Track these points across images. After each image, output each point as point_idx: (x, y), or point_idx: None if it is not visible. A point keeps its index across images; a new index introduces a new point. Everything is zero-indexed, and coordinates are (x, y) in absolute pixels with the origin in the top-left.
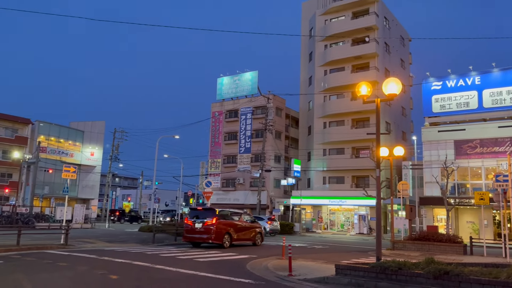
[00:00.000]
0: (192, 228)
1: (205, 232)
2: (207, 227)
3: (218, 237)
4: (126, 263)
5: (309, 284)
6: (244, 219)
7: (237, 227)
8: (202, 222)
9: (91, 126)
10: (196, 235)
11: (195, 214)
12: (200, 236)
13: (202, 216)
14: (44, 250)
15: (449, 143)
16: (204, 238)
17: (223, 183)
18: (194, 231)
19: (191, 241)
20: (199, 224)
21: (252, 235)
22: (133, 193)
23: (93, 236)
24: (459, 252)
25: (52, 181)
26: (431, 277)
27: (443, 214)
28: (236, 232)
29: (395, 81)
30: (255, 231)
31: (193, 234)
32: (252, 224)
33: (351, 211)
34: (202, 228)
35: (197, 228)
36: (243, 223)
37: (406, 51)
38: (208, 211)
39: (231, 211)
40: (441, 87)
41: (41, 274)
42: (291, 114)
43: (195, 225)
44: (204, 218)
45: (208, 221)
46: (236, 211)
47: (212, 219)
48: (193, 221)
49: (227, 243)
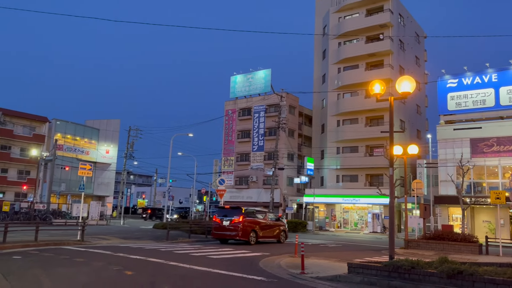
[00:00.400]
0: (220, 225)
1: (233, 230)
2: (234, 224)
3: (244, 234)
4: (141, 260)
5: (321, 282)
6: (269, 217)
7: (262, 225)
8: (230, 220)
9: (106, 124)
10: (224, 232)
11: (223, 213)
12: (228, 233)
13: (230, 214)
14: (61, 246)
15: (465, 141)
16: (231, 235)
17: (236, 181)
18: (222, 228)
19: (219, 237)
20: (226, 222)
21: (276, 233)
22: (147, 191)
23: (108, 233)
24: (475, 251)
25: (68, 178)
26: (445, 277)
27: (459, 213)
28: (262, 229)
29: (408, 80)
30: (280, 229)
31: (221, 231)
32: (276, 222)
33: (365, 209)
34: (230, 225)
35: (225, 226)
36: (267, 221)
37: (421, 48)
38: (235, 210)
39: (257, 210)
40: (457, 84)
41: (59, 269)
42: (304, 112)
43: (223, 222)
44: (232, 216)
45: (235, 219)
46: (261, 209)
47: (239, 217)
48: (221, 219)
49: (253, 240)
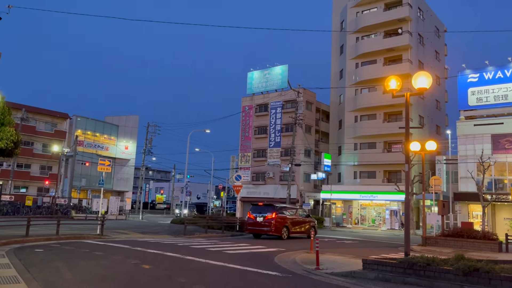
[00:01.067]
0: (254, 221)
1: (266, 225)
2: (268, 220)
3: (277, 230)
4: (158, 254)
5: (335, 278)
6: (299, 214)
7: (293, 221)
8: (263, 216)
9: (125, 120)
10: (258, 228)
11: (257, 209)
12: (262, 229)
13: (263, 211)
14: (81, 239)
15: (486, 137)
16: (265, 231)
17: (253, 177)
18: (257, 224)
19: (253, 232)
20: (260, 218)
21: (306, 228)
22: (165, 186)
23: (127, 228)
24: (494, 249)
25: (89, 173)
26: (461, 274)
27: (479, 211)
28: (293, 225)
29: (425, 75)
30: (309, 225)
31: (255, 226)
32: (306, 219)
33: (383, 206)
34: (264, 221)
35: (259, 222)
36: (298, 218)
37: (441, 43)
38: (268, 207)
39: (288, 207)
40: (478, 79)
41: (79, 262)
42: (321, 108)
43: (257, 219)
44: (265, 213)
45: (268, 215)
46: (292, 206)
47: (272, 213)
48: (255, 215)
49: (285, 235)
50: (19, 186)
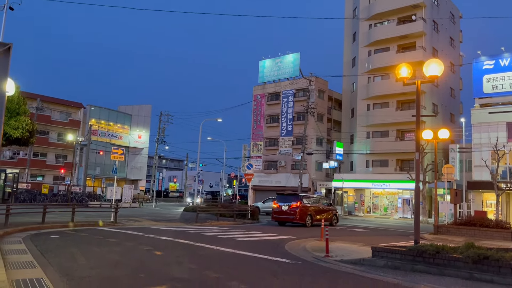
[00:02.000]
0: (280, 210)
1: (291, 214)
2: (293, 209)
3: (301, 218)
4: (170, 241)
5: (345, 265)
6: (322, 203)
7: (316, 210)
8: (288, 205)
9: (138, 110)
10: (283, 216)
11: (282, 198)
12: (287, 217)
13: (289, 200)
14: (95, 226)
15: (501, 125)
16: (290, 219)
17: (265, 166)
18: (282, 213)
19: (278, 220)
20: (285, 207)
21: (329, 217)
22: (178, 175)
23: (140, 215)
24: (507, 238)
25: (103, 162)
26: (470, 262)
27: (493, 199)
28: (316, 214)
29: (436, 62)
30: (332, 213)
31: (281, 215)
32: (328, 207)
33: (395, 194)
34: (289, 210)
35: (284, 210)
36: (321, 206)
37: (457, 29)
38: (293, 196)
39: (311, 196)
40: (494, 66)
41: (93, 248)
42: (333, 96)
43: (282, 207)
44: (290, 202)
45: (293, 204)
46: (315, 196)
47: (297, 202)
48: (280, 204)
49: (309, 223)
50: (36, 174)
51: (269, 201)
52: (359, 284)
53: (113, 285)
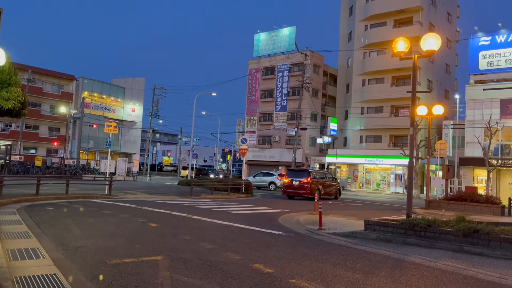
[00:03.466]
0: (291, 185)
1: (302, 188)
2: (303, 184)
3: (312, 192)
4: (165, 213)
5: (337, 238)
6: (328, 177)
7: (324, 184)
8: (299, 181)
9: (132, 83)
10: (294, 190)
11: (293, 174)
12: (298, 191)
13: (299, 176)
14: (90, 199)
15: (495, 102)
16: (301, 193)
17: (259, 141)
18: (292, 187)
19: (289, 194)
20: (296, 182)
21: (334, 191)
22: (172, 149)
23: (134, 188)
24: (497, 213)
25: (96, 135)
26: (460, 235)
27: (484, 175)
28: (324, 188)
29: (434, 36)
30: (336, 188)
31: (291, 189)
32: (333, 182)
33: (388, 170)
34: (299, 185)
35: (295, 185)
36: (327, 181)
37: (454, 4)
38: (304, 172)
39: (319, 171)
40: (490, 42)
41: (87, 219)
42: (329, 71)
43: (293, 182)
44: (301, 178)
45: (304, 179)
46: (322, 171)
47: (307, 178)
48: (291, 179)
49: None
50: (28, 147)
51: (260, 175)
52: (351, 255)
53: (108, 255)
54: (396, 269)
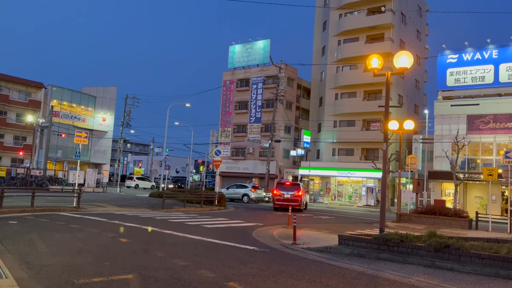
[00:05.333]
0: (282, 197)
1: (294, 200)
2: (295, 197)
3: (301, 204)
4: (136, 227)
5: (312, 253)
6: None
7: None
8: (291, 194)
9: (103, 92)
10: (286, 202)
11: (283, 188)
12: (290, 203)
13: (290, 189)
14: (57, 212)
15: (462, 117)
16: (293, 205)
17: (232, 152)
18: (285, 200)
19: (281, 206)
20: (288, 195)
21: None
22: (144, 159)
23: (104, 200)
24: (464, 226)
25: (65, 145)
26: (432, 250)
27: (452, 189)
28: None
29: (406, 55)
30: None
31: (284, 201)
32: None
33: (359, 183)
34: (291, 197)
35: (287, 198)
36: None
37: (423, 22)
38: (294, 185)
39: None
40: (457, 60)
41: (54, 235)
42: (302, 84)
43: (285, 195)
44: (292, 191)
45: (295, 193)
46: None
47: (299, 191)
48: (282, 192)
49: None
50: None
51: (233, 187)
52: (326, 272)
53: (76, 273)
54: (371, 286)
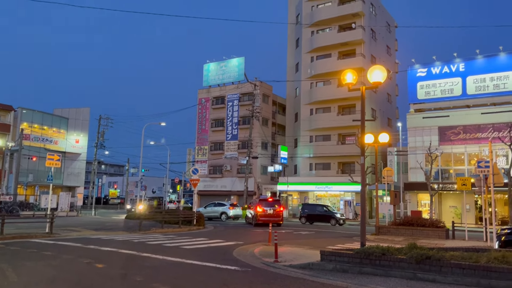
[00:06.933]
0: (265, 213)
1: (277, 216)
2: (277, 213)
3: (282, 219)
4: (113, 251)
5: (294, 270)
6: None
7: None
8: (274, 209)
9: (76, 113)
10: (269, 218)
11: (266, 204)
12: (273, 219)
13: (271, 205)
14: (28, 239)
15: (434, 129)
16: (276, 220)
17: (210, 170)
18: (268, 215)
19: (264, 222)
20: (271, 211)
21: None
22: (119, 180)
23: (79, 224)
24: (442, 236)
25: (36, 168)
26: (414, 262)
27: (427, 199)
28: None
29: (380, 69)
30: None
31: (267, 217)
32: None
33: (337, 196)
34: (274, 213)
35: (270, 213)
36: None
37: (392, 38)
38: (276, 201)
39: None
40: (426, 73)
41: (25, 263)
42: (278, 100)
43: (268, 211)
44: (274, 207)
45: (277, 208)
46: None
47: (280, 206)
48: (265, 208)
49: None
50: None
51: (211, 205)
52: None
53: None
54: None
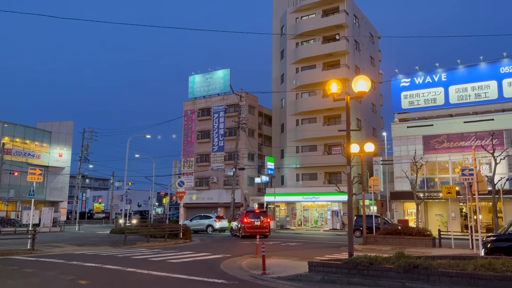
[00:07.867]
0: (252, 225)
1: (264, 227)
2: (265, 223)
3: (270, 230)
4: (97, 267)
5: (282, 282)
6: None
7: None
8: (260, 221)
9: (59, 127)
10: (256, 230)
11: (253, 215)
12: (261, 230)
13: (257, 216)
14: (9, 256)
15: (418, 138)
16: (263, 231)
17: (196, 182)
18: (255, 227)
19: (252, 234)
20: (258, 222)
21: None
22: (104, 194)
23: (62, 240)
24: (428, 244)
25: (18, 183)
26: (402, 271)
27: (413, 208)
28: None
29: (364, 79)
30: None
31: (254, 229)
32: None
33: (324, 207)
34: (261, 224)
35: (257, 225)
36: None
37: (376, 49)
38: (262, 213)
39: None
40: (410, 83)
41: (6, 281)
42: (264, 112)
43: (255, 223)
44: (260, 218)
45: (264, 220)
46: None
47: (266, 218)
48: (253, 220)
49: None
50: None
51: (197, 218)
52: None
53: None
54: None
